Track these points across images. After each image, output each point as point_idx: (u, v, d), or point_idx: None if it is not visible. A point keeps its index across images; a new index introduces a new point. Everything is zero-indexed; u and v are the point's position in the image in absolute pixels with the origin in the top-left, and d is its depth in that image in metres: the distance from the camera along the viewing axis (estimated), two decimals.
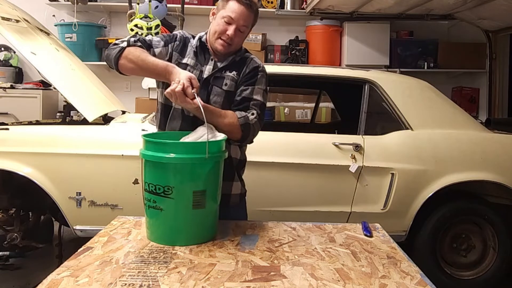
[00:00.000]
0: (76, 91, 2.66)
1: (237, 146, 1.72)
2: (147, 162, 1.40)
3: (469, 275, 2.67)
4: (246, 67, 1.68)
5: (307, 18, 4.61)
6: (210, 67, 1.66)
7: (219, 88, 1.64)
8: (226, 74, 1.65)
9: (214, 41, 1.62)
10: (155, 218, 1.40)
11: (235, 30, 1.59)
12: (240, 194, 1.77)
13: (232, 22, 1.58)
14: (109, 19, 4.74)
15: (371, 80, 2.65)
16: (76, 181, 2.41)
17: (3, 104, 3.89)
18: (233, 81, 1.66)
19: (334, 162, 2.47)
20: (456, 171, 2.54)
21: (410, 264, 1.30)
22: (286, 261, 1.28)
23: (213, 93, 1.63)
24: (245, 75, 1.66)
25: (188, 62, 1.65)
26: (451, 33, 4.88)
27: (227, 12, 1.59)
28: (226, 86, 1.64)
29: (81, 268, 1.18)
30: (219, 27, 1.60)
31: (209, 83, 1.65)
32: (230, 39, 1.59)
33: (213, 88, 1.64)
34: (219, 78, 1.65)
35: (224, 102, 1.64)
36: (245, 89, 1.64)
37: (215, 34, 1.61)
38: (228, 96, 1.64)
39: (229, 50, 1.64)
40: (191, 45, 1.69)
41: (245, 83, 1.65)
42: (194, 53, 1.67)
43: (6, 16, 2.60)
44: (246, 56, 1.72)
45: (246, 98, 1.63)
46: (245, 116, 1.58)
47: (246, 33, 1.65)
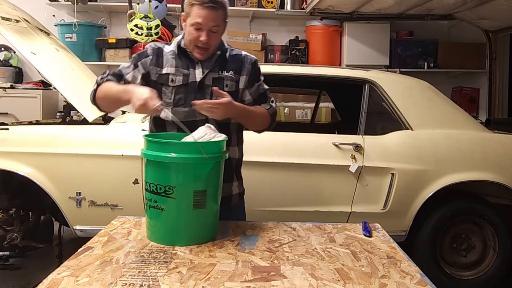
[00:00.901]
0: (76, 91, 2.66)
1: (236, 146, 1.73)
2: (148, 162, 1.40)
3: (469, 275, 2.67)
4: (245, 63, 1.69)
5: (307, 18, 4.61)
6: (200, 70, 1.64)
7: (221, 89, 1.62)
8: (225, 75, 1.65)
9: (192, 49, 1.61)
10: (156, 218, 1.40)
11: (207, 34, 1.56)
12: (239, 193, 1.78)
13: (201, 28, 1.55)
14: (109, 19, 4.74)
15: (371, 80, 2.65)
16: (76, 181, 2.41)
17: (3, 104, 3.89)
18: (232, 81, 1.66)
19: (334, 162, 2.47)
20: (456, 171, 2.55)
21: (410, 264, 1.30)
22: (286, 261, 1.28)
23: (215, 95, 1.61)
24: (250, 72, 1.69)
25: (168, 71, 1.64)
26: (451, 33, 4.88)
27: (194, 19, 1.55)
28: (228, 88, 1.64)
29: (81, 268, 1.18)
30: (192, 35, 1.58)
31: (203, 86, 1.63)
32: (206, 44, 1.57)
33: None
34: (219, 80, 1.64)
35: None
36: (258, 85, 1.72)
37: (191, 42, 1.59)
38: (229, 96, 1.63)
39: (208, 55, 1.63)
40: (167, 53, 1.67)
41: (255, 80, 1.71)
42: (173, 60, 1.65)
43: (6, 16, 2.60)
44: (237, 54, 1.71)
45: (262, 93, 1.73)
46: (269, 105, 1.71)
47: (220, 31, 1.62)
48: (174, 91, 1.62)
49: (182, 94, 1.62)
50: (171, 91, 1.62)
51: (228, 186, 1.70)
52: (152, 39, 3.49)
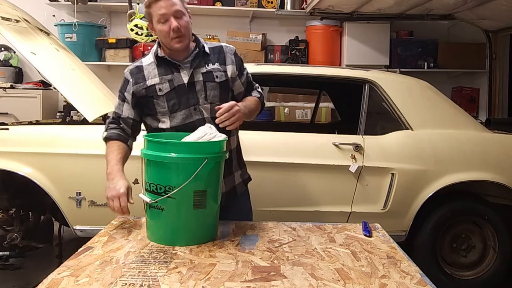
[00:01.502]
0: (76, 91, 2.66)
1: (234, 135, 1.78)
2: (148, 162, 1.40)
3: (469, 275, 2.67)
4: (228, 54, 1.73)
5: (307, 18, 4.61)
6: (185, 72, 1.65)
7: (212, 82, 1.67)
8: (212, 68, 1.68)
9: (170, 44, 1.61)
10: (156, 218, 1.40)
11: (174, 19, 1.58)
12: (243, 181, 1.81)
13: (166, 17, 1.58)
14: (109, 19, 4.74)
15: (371, 80, 2.65)
16: (76, 181, 2.40)
17: (3, 104, 3.89)
18: (220, 72, 1.70)
19: (334, 162, 2.47)
20: (456, 171, 2.54)
21: (410, 264, 1.30)
22: (286, 261, 1.28)
23: (209, 89, 1.66)
24: (235, 62, 1.74)
25: (153, 82, 1.65)
26: (451, 33, 4.88)
27: (157, 14, 1.58)
28: (218, 78, 1.68)
29: (82, 268, 1.18)
30: (163, 31, 1.59)
31: (195, 84, 1.65)
32: (178, 29, 1.58)
33: (206, 84, 1.66)
34: (208, 73, 1.67)
35: (221, 94, 1.68)
36: (246, 73, 1.79)
37: (166, 39, 1.61)
38: (221, 87, 1.68)
39: (188, 41, 1.64)
40: (147, 66, 1.68)
41: (241, 68, 1.76)
42: (154, 71, 1.66)
43: (6, 16, 2.60)
44: (216, 46, 1.74)
45: (250, 81, 1.81)
46: (258, 92, 1.81)
47: (186, 14, 1.63)
48: (165, 99, 1.64)
49: (174, 100, 1.64)
50: (162, 100, 1.64)
51: (231, 178, 1.74)
52: (152, 39, 3.49)
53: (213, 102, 1.65)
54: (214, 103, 1.65)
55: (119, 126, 1.70)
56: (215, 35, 4.50)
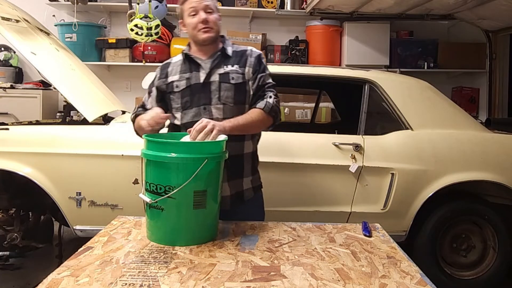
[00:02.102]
0: (76, 91, 2.66)
1: (250, 140, 1.76)
2: (148, 162, 1.40)
3: (469, 275, 2.67)
4: (249, 57, 1.76)
5: (307, 18, 4.61)
6: (204, 71, 1.71)
7: (228, 83, 1.69)
8: (230, 69, 1.71)
9: (197, 36, 1.69)
10: (156, 218, 1.40)
11: (205, 13, 1.67)
12: (253, 187, 1.79)
13: (197, 10, 1.67)
14: (109, 19, 4.74)
15: (371, 80, 2.65)
16: (76, 181, 2.41)
17: (3, 104, 3.89)
18: (238, 74, 1.71)
19: (334, 162, 2.47)
20: (456, 171, 2.54)
21: (410, 264, 1.30)
22: (286, 261, 1.28)
23: (223, 89, 1.69)
24: (254, 64, 1.75)
25: (173, 79, 1.74)
26: (451, 33, 4.88)
27: (187, 9, 1.69)
28: (234, 80, 1.70)
29: (82, 268, 1.18)
30: (192, 23, 1.68)
31: (210, 84, 1.69)
32: (206, 22, 1.67)
33: (221, 85, 1.69)
34: (224, 74, 1.70)
35: (235, 95, 1.69)
36: (260, 77, 1.75)
37: (194, 30, 1.69)
38: (237, 88, 1.70)
39: (214, 33, 1.70)
40: (174, 63, 1.79)
41: (258, 72, 1.75)
42: (178, 67, 1.76)
43: (6, 16, 2.60)
44: (242, 50, 1.78)
45: (262, 85, 1.75)
46: (265, 102, 1.69)
47: (215, 12, 1.72)
48: (180, 96, 1.71)
49: (188, 97, 1.70)
50: (178, 96, 1.72)
51: (238, 182, 1.73)
52: (152, 39, 3.49)
53: (226, 103, 1.68)
54: (227, 104, 1.68)
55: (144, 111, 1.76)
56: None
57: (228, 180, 1.70)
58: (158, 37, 3.60)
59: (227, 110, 1.68)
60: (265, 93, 1.74)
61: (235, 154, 1.69)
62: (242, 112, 1.69)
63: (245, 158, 1.75)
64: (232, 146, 1.63)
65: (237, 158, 1.72)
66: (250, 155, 1.78)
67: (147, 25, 3.31)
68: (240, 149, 1.73)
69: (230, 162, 1.64)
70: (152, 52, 4.37)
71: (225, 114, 1.67)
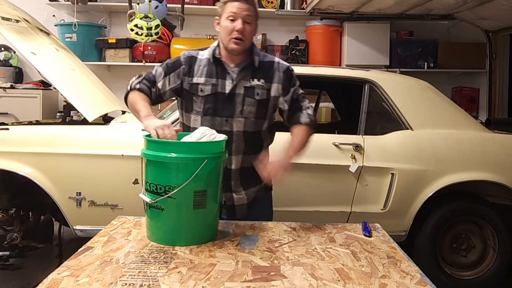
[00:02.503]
0: (76, 91, 2.66)
1: (266, 149, 1.79)
2: (148, 162, 1.40)
3: (469, 275, 2.67)
4: (277, 72, 1.71)
5: (307, 18, 4.61)
6: (229, 82, 1.67)
7: (252, 98, 1.67)
8: (256, 83, 1.68)
9: (227, 43, 1.64)
10: (156, 218, 1.40)
11: (242, 23, 1.62)
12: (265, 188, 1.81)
13: (236, 17, 1.62)
14: (109, 19, 4.74)
15: (371, 80, 2.65)
16: (76, 181, 2.41)
17: (3, 104, 3.89)
18: (263, 89, 1.69)
19: (334, 162, 2.47)
20: (456, 171, 2.54)
21: (410, 263, 1.30)
22: (286, 261, 1.28)
23: (246, 104, 1.67)
24: (283, 80, 1.71)
25: (198, 81, 1.68)
26: (451, 33, 4.88)
27: (228, 12, 1.62)
28: (258, 96, 1.68)
29: (82, 268, 1.18)
30: (227, 28, 1.63)
31: (235, 96, 1.67)
32: (241, 33, 1.62)
33: (245, 99, 1.66)
34: (250, 89, 1.67)
35: (257, 111, 1.68)
36: (293, 91, 1.73)
37: (226, 36, 1.64)
38: (260, 104, 1.68)
39: (244, 46, 1.65)
40: (200, 60, 1.71)
41: (288, 86, 1.72)
42: (204, 69, 1.69)
43: (6, 16, 2.60)
44: (269, 61, 1.73)
45: (296, 98, 1.74)
46: (307, 116, 1.71)
47: (253, 25, 1.67)
48: (203, 101, 1.67)
49: (211, 104, 1.67)
50: (200, 100, 1.68)
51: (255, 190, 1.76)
52: (152, 39, 3.48)
53: (248, 118, 1.67)
54: (249, 118, 1.67)
55: (150, 86, 1.69)
56: (215, 35, 4.49)
57: (245, 189, 1.73)
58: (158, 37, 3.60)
59: (248, 124, 1.68)
60: (301, 104, 1.74)
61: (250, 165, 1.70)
62: (261, 126, 1.71)
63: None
64: (250, 159, 1.67)
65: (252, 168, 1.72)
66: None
67: (147, 25, 3.31)
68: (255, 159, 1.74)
69: (246, 173, 1.69)
70: (152, 52, 4.37)
71: (245, 127, 1.68)
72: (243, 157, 1.71)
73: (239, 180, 1.72)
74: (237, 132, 1.67)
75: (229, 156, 1.67)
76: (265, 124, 1.74)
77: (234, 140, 1.67)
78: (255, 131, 1.71)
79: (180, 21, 4.04)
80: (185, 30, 4.52)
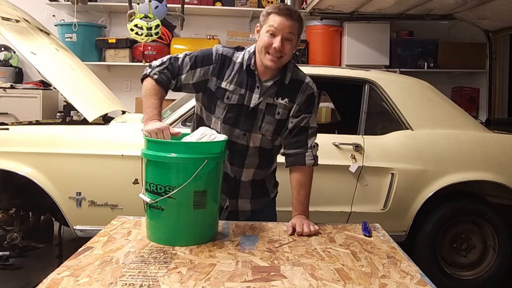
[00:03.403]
0: (76, 91, 2.66)
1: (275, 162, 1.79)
2: (148, 162, 1.40)
3: (469, 275, 2.67)
4: (302, 93, 1.63)
5: (307, 18, 4.60)
6: (257, 96, 1.60)
7: (272, 117, 1.62)
8: (279, 102, 1.61)
9: (263, 57, 1.56)
10: (156, 218, 1.40)
11: (281, 40, 1.52)
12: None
13: (276, 34, 1.52)
14: (109, 19, 4.74)
15: (371, 80, 2.65)
16: (76, 181, 2.41)
17: (3, 104, 3.89)
18: (285, 109, 1.63)
19: (334, 162, 2.47)
20: (456, 171, 2.55)
21: (410, 263, 1.30)
22: (286, 261, 1.28)
23: (265, 121, 1.62)
24: (302, 103, 1.63)
25: (227, 87, 1.60)
26: (451, 33, 4.88)
27: (269, 25, 1.54)
28: (279, 115, 1.62)
29: (81, 268, 1.18)
30: (265, 41, 1.54)
31: (257, 111, 1.61)
32: (278, 52, 1.53)
33: (265, 116, 1.62)
34: (272, 106, 1.61)
35: (275, 129, 1.65)
36: (304, 117, 1.63)
37: (262, 50, 1.55)
38: (279, 124, 1.64)
39: (280, 64, 1.57)
40: (234, 63, 1.62)
41: (303, 112, 1.63)
42: (236, 75, 1.61)
43: (6, 16, 2.60)
44: (299, 79, 1.65)
45: (304, 127, 1.64)
46: (313, 157, 1.64)
47: (294, 41, 1.57)
48: (227, 108, 1.60)
49: (232, 113, 1.60)
50: (224, 107, 1.60)
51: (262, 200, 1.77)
52: (152, 39, 3.49)
53: (265, 135, 1.64)
54: (266, 136, 1.64)
55: (169, 77, 1.59)
56: (215, 35, 4.50)
57: (252, 198, 1.73)
58: (158, 37, 3.60)
59: (264, 141, 1.65)
60: (307, 139, 1.64)
61: (261, 178, 1.72)
62: (275, 141, 1.67)
63: (267, 179, 1.78)
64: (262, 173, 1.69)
65: (262, 181, 1.75)
66: (273, 172, 1.81)
67: (147, 25, 3.31)
68: (266, 172, 1.75)
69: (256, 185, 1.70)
70: (152, 52, 4.37)
71: (262, 143, 1.65)
72: (255, 171, 1.69)
73: (249, 190, 1.71)
74: (253, 147, 1.64)
75: (240, 169, 1.65)
76: (278, 140, 1.70)
77: (248, 155, 1.65)
78: (270, 147, 1.69)
79: (180, 21, 4.04)
80: (185, 30, 4.52)
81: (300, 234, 1.49)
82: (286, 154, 1.67)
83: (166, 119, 2.49)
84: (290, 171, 1.68)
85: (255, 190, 1.72)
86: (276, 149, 1.74)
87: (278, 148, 1.73)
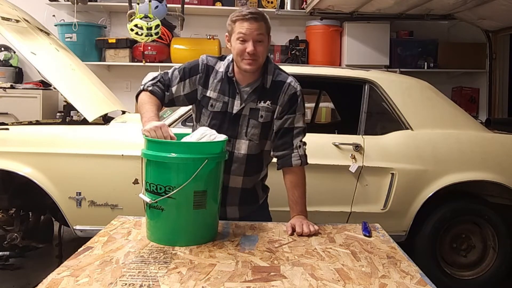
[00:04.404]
0: (76, 91, 2.66)
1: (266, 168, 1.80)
2: (148, 162, 1.40)
3: (469, 275, 2.67)
4: (283, 94, 1.65)
5: (307, 18, 4.61)
6: (238, 102, 1.64)
7: (256, 121, 1.64)
8: (261, 105, 1.64)
9: (240, 63, 1.60)
10: (156, 218, 1.40)
11: (253, 44, 1.56)
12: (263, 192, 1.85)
13: (246, 39, 1.56)
14: (109, 19, 4.74)
15: (371, 80, 2.65)
16: (76, 181, 2.41)
17: (3, 104, 3.89)
18: (268, 112, 1.65)
19: (334, 162, 2.47)
20: (456, 171, 2.54)
21: (410, 263, 1.30)
22: (286, 261, 1.28)
23: (250, 126, 1.64)
24: (284, 103, 1.65)
25: (211, 95, 1.65)
26: (451, 33, 4.88)
27: (238, 32, 1.57)
28: (262, 118, 1.65)
29: (81, 268, 1.18)
30: (238, 48, 1.57)
31: (240, 117, 1.64)
32: (253, 55, 1.56)
33: (249, 121, 1.64)
34: (255, 110, 1.64)
35: (261, 133, 1.66)
36: (287, 118, 1.65)
37: (238, 57, 1.59)
38: (264, 127, 1.66)
39: (258, 65, 1.61)
40: (217, 73, 1.67)
41: (286, 112, 1.65)
42: (218, 84, 1.65)
43: (6, 16, 2.60)
44: (281, 81, 1.67)
45: (288, 128, 1.66)
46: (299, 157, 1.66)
47: (266, 41, 1.61)
48: (211, 116, 1.65)
49: (217, 121, 1.64)
50: (208, 115, 1.66)
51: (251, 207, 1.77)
52: (152, 39, 3.49)
53: (252, 140, 1.65)
54: (253, 141, 1.65)
55: (163, 89, 1.65)
56: (215, 35, 4.50)
57: (240, 205, 1.73)
58: (158, 37, 3.61)
59: (252, 147, 1.66)
60: (292, 139, 1.66)
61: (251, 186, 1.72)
62: (264, 146, 1.69)
63: (257, 185, 1.78)
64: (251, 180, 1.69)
65: (252, 189, 1.75)
66: (262, 179, 1.80)
67: (147, 25, 3.32)
68: (256, 179, 1.75)
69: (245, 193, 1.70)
70: (152, 52, 4.37)
71: (249, 150, 1.66)
72: (244, 179, 1.69)
73: (237, 197, 1.71)
74: (239, 153, 1.65)
75: (226, 175, 1.63)
76: (267, 145, 1.71)
77: (234, 161, 1.65)
78: (258, 152, 1.69)
79: (180, 21, 4.04)
80: (185, 30, 4.52)
81: (300, 234, 1.49)
82: (275, 157, 1.70)
83: (166, 119, 2.49)
84: (282, 173, 1.70)
85: (243, 196, 1.72)
86: (266, 156, 1.74)
87: (269, 154, 1.74)
